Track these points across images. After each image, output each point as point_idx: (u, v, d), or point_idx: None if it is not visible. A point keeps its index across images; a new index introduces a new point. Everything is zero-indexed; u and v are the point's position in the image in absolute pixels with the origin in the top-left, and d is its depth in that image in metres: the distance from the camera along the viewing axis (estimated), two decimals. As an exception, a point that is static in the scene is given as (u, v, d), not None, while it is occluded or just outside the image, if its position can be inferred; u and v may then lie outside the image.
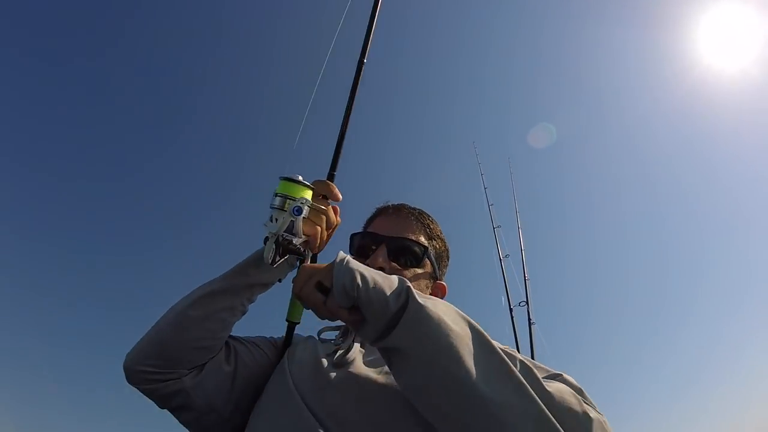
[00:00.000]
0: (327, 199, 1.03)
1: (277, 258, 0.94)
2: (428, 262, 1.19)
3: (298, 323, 1.09)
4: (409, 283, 0.77)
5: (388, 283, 0.77)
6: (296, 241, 0.95)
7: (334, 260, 0.80)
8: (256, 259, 1.02)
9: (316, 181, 1.02)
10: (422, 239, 1.20)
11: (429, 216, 1.27)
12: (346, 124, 1.17)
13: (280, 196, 0.94)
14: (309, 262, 1.02)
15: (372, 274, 0.77)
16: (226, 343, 1.05)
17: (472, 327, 0.76)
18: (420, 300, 0.74)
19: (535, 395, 0.71)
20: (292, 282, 0.85)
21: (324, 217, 1.00)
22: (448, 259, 1.30)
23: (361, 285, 0.74)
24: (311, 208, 0.98)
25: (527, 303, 4.80)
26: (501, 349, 0.76)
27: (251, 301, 1.06)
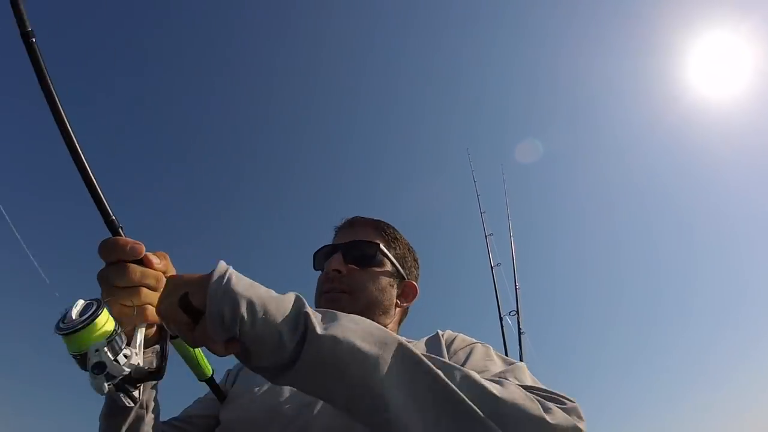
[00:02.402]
0: (127, 262, 0.69)
1: (135, 394, 0.74)
2: (386, 260, 1.21)
3: (214, 373, 0.98)
4: (307, 305, 0.64)
5: (282, 307, 0.62)
6: (138, 358, 0.68)
7: (211, 274, 0.62)
8: (115, 409, 0.83)
9: (100, 245, 0.69)
10: (377, 240, 1.22)
11: (385, 222, 1.29)
12: (71, 139, 0.67)
13: (79, 356, 0.62)
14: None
15: (261, 298, 0.61)
16: None
17: (394, 345, 0.64)
18: (322, 327, 0.61)
19: (481, 414, 0.61)
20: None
21: (143, 290, 0.69)
22: (416, 262, 1.31)
23: (246, 317, 0.59)
24: (120, 291, 0.68)
25: (517, 312, 4.82)
26: (434, 361, 0.65)
27: (152, 407, 0.87)
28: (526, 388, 0.71)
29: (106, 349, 0.62)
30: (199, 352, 0.89)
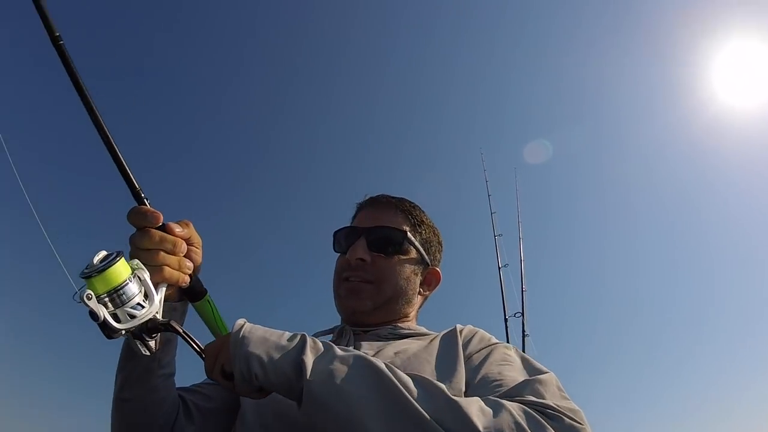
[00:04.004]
0: (150, 227, 0.81)
1: (150, 343, 0.79)
2: (412, 248, 1.16)
3: None
4: (307, 349, 0.74)
5: (287, 356, 0.74)
6: (153, 309, 0.76)
7: (229, 339, 0.76)
8: (130, 354, 0.88)
9: (127, 214, 0.81)
10: (404, 226, 1.16)
11: (411, 203, 1.23)
12: (100, 124, 0.79)
13: (102, 296, 0.71)
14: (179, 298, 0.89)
15: (269, 353, 0.74)
16: (182, 400, 1.01)
17: (379, 382, 0.70)
18: (314, 372, 0.71)
19: None
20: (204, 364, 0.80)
21: (160, 252, 0.80)
22: (440, 245, 1.25)
23: (259, 373, 0.73)
24: (142, 252, 0.79)
25: (522, 314, 4.82)
26: (420, 393, 0.68)
27: (165, 365, 0.93)
28: (533, 404, 0.71)
29: (120, 292, 0.72)
30: (219, 317, 0.94)
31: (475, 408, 0.67)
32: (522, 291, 5.03)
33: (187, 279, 0.85)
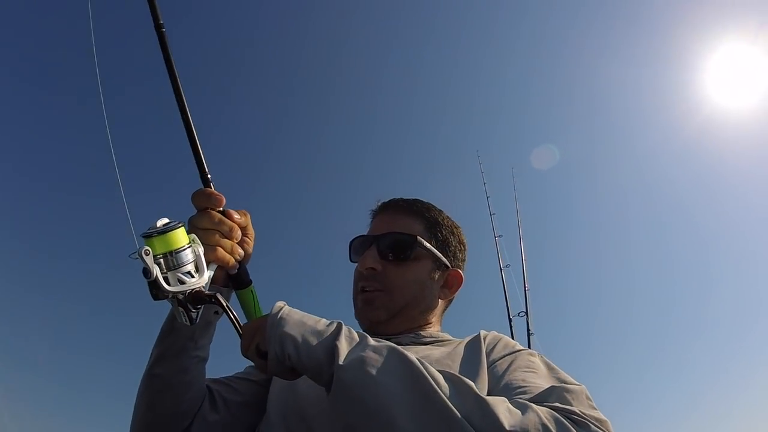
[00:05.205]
0: (212, 209, 0.87)
1: (192, 314, 0.81)
2: (426, 252, 1.12)
3: None
4: (342, 335, 0.75)
5: (322, 341, 0.75)
6: (202, 281, 0.80)
7: (267, 320, 0.78)
8: (173, 322, 0.91)
9: (193, 194, 0.88)
10: (415, 229, 1.14)
11: (425, 203, 1.21)
12: (185, 111, 0.90)
13: (157, 257, 0.75)
14: (228, 284, 0.93)
15: (304, 335, 0.75)
16: (209, 390, 1.02)
17: (410, 377, 0.69)
18: (347, 359, 0.71)
19: None
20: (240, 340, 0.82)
21: (217, 233, 0.86)
22: (461, 245, 1.22)
23: (292, 354, 0.74)
24: (199, 231, 0.84)
25: (527, 313, 4.81)
26: (450, 388, 0.68)
27: (200, 347, 0.95)
28: (560, 410, 0.70)
29: (176, 256, 0.76)
30: (259, 308, 0.96)
31: (503, 407, 0.67)
32: (525, 290, 5.04)
33: (236, 265, 0.89)
